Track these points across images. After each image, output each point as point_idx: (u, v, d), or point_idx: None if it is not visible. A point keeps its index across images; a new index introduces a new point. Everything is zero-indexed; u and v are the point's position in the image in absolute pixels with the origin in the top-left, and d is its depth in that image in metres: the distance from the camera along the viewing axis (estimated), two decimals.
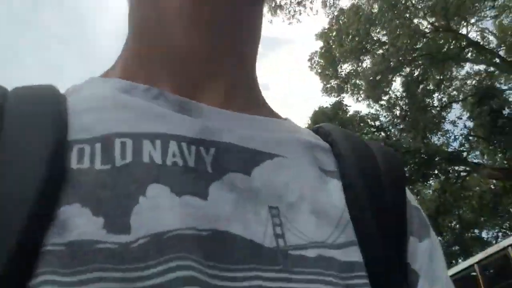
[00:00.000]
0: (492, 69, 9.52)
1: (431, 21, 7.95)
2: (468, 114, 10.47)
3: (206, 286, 0.21)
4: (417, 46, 8.65)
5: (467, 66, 9.67)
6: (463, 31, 8.84)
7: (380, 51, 8.47)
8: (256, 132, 0.30)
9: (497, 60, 9.09)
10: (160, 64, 0.31)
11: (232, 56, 0.32)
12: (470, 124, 10.54)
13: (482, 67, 9.73)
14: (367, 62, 9.30)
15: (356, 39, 8.48)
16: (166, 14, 0.30)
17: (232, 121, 0.30)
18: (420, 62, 8.83)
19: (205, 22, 0.30)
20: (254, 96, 0.35)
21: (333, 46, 8.70)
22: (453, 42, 8.13)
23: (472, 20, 8.96)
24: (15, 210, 0.20)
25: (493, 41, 9.71)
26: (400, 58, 8.23)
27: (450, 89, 10.12)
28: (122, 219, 0.22)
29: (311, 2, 8.12)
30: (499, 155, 9.95)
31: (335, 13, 8.31)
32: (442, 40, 8.07)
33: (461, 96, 10.24)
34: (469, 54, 9.22)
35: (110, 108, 0.27)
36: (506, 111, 10.10)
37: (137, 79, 0.30)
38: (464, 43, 8.52)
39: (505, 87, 10.06)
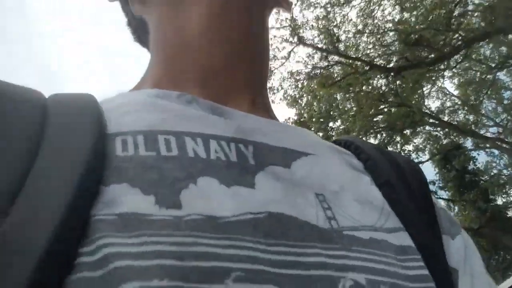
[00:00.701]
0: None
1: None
2: (436, 171, 10.88)
3: (269, 263, 0.21)
4: (377, 119, 9.19)
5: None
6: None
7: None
8: (284, 135, 0.31)
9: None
10: (187, 78, 0.32)
11: (252, 69, 0.34)
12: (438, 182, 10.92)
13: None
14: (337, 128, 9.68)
15: (324, 107, 8.90)
16: (186, 34, 0.33)
17: (261, 124, 0.31)
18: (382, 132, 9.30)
19: (224, 39, 0.32)
20: (269, 105, 0.37)
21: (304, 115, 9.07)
22: (411, 115, 8.68)
23: (428, 91, 9.67)
24: (62, 186, 0.20)
25: (454, 99, 10.42)
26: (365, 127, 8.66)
27: (413, 153, 10.56)
28: (173, 198, 0.22)
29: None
30: (461, 216, 10.20)
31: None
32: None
33: (426, 156, 10.70)
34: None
35: (148, 110, 0.28)
36: (470, 167, 10.64)
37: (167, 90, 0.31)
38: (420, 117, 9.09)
39: (470, 146, 10.64)
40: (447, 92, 10.16)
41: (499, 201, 11.16)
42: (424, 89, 9.30)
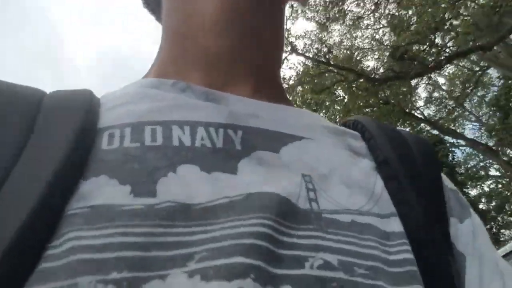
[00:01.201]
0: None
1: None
2: None
3: (238, 237, 0.22)
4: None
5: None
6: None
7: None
8: (282, 118, 0.31)
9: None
10: (191, 62, 0.32)
11: (260, 56, 0.34)
12: None
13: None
14: None
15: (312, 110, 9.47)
16: (196, 18, 0.33)
17: (258, 108, 0.31)
18: None
19: (234, 25, 0.32)
20: (280, 92, 0.36)
21: None
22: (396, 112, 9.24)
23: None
24: (39, 178, 0.21)
25: (443, 94, 10.94)
26: None
27: None
28: (149, 186, 0.23)
29: None
30: None
31: None
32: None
33: None
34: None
35: (139, 101, 0.29)
36: (449, 158, 11.38)
37: (167, 76, 0.32)
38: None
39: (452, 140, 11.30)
40: (436, 83, 10.67)
41: (473, 192, 12.01)
42: (413, 82, 9.79)
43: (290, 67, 8.62)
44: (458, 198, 0.33)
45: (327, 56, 8.19)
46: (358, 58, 8.61)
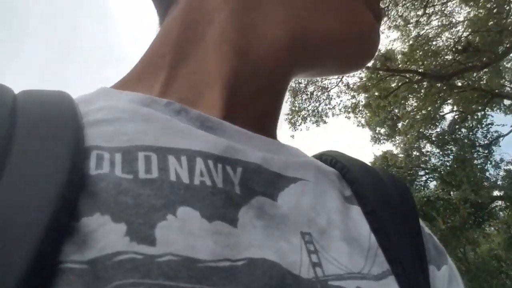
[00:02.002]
0: None
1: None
2: None
3: None
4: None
5: None
6: None
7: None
8: (276, 155, 0.30)
9: None
10: (189, 82, 0.31)
11: (263, 87, 0.32)
12: None
13: None
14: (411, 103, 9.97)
15: (384, 113, 9.46)
16: (209, 42, 0.31)
17: (254, 142, 0.30)
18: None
19: (244, 56, 0.31)
20: (273, 130, 0.35)
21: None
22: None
23: None
24: (29, 222, 0.17)
25: None
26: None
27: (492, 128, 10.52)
28: (146, 229, 0.20)
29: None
30: None
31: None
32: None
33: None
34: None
35: (129, 121, 0.26)
36: None
37: (156, 93, 0.30)
38: None
39: None
40: None
41: None
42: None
43: (354, 75, 8.84)
44: (434, 242, 0.34)
45: (387, 65, 8.25)
46: (420, 54, 8.45)
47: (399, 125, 10.03)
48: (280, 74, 0.33)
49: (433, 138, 10.75)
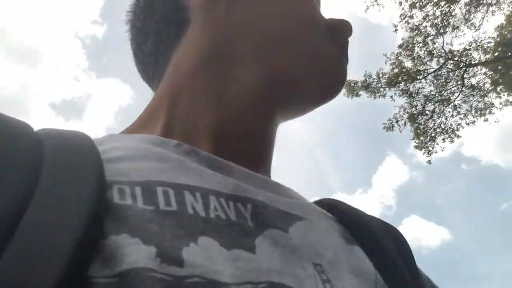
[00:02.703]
0: None
1: None
2: None
3: None
4: None
5: None
6: None
7: None
8: (280, 196, 0.31)
9: None
10: (196, 125, 0.33)
11: (250, 133, 0.35)
12: None
13: None
14: None
15: None
16: (225, 94, 0.35)
17: (260, 183, 0.31)
18: None
19: (255, 118, 0.35)
20: (270, 166, 0.38)
21: None
22: None
23: None
24: (59, 242, 0.18)
25: None
26: None
27: None
28: (174, 252, 0.21)
29: None
30: None
31: None
32: None
33: None
34: None
35: (144, 159, 0.27)
36: None
37: (166, 135, 0.32)
38: None
39: None
40: None
41: None
42: None
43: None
44: (432, 285, 0.35)
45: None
46: None
47: None
48: (263, 119, 0.36)
49: None
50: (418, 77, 8.08)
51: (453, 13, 7.69)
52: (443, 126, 8.17)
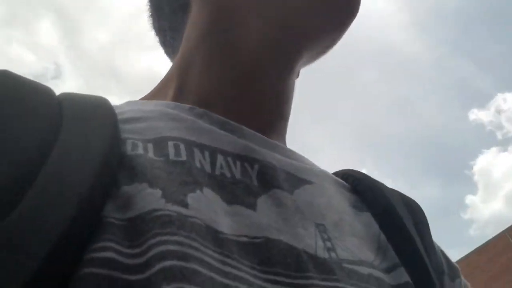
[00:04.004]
0: None
1: None
2: None
3: None
4: None
5: None
6: None
7: None
8: (291, 160, 0.32)
9: None
10: (211, 89, 0.34)
11: (284, 99, 0.36)
12: None
13: None
14: None
15: None
16: (236, 50, 0.34)
17: (270, 145, 0.32)
18: None
19: (268, 71, 0.34)
20: (284, 133, 0.38)
21: None
22: None
23: None
24: (75, 184, 0.20)
25: None
26: None
27: None
28: (179, 196, 0.22)
29: None
30: None
31: None
32: None
33: None
34: None
35: (158, 119, 0.29)
36: None
37: (180, 100, 0.33)
38: None
39: None
40: None
41: None
42: None
43: None
44: (447, 258, 0.35)
45: None
46: None
47: None
48: (275, 76, 0.35)
49: None
50: None
51: None
52: None
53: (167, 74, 0.39)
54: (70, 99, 0.26)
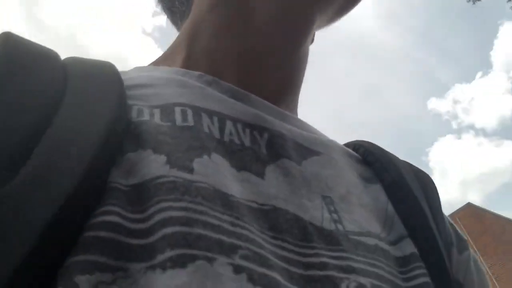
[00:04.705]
0: None
1: None
2: None
3: (271, 254, 0.21)
4: None
5: None
6: None
7: None
8: (301, 130, 0.31)
9: None
10: (222, 57, 0.33)
11: (291, 69, 0.35)
12: None
13: None
14: None
15: None
16: (248, 16, 0.33)
17: (281, 116, 0.31)
18: None
19: (281, 37, 0.33)
20: (295, 107, 0.37)
21: None
22: None
23: None
24: (84, 145, 0.20)
25: None
26: None
27: None
28: (185, 161, 0.22)
29: None
30: None
31: None
32: None
33: None
34: None
35: (165, 86, 0.28)
36: None
37: (190, 67, 0.32)
38: None
39: None
40: None
41: None
42: None
43: None
44: (455, 230, 0.35)
45: None
46: None
47: None
48: (290, 41, 0.34)
49: None
50: None
51: None
52: None
53: (175, 41, 0.38)
54: (75, 63, 0.26)
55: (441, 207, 0.34)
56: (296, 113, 0.37)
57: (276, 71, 0.34)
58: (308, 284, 0.21)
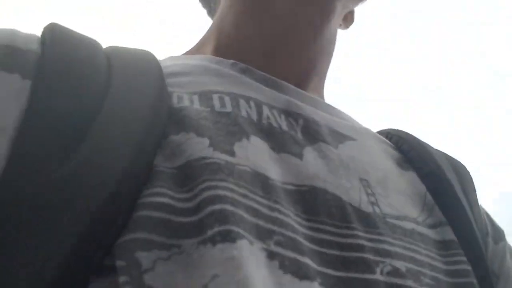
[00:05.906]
0: None
1: None
2: None
3: (304, 237, 0.21)
4: None
5: None
6: None
7: None
8: (332, 117, 0.31)
9: None
10: (254, 45, 0.33)
11: (319, 56, 0.35)
12: None
13: None
14: None
15: None
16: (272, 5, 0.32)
17: (314, 103, 0.31)
18: None
19: (307, 23, 0.32)
20: (322, 92, 0.37)
21: None
22: None
23: None
24: (131, 134, 0.20)
25: None
26: None
27: None
28: (226, 145, 0.23)
29: None
30: None
31: None
32: None
33: None
34: None
35: (202, 74, 0.29)
36: None
37: (224, 56, 0.32)
38: None
39: None
40: None
41: None
42: None
43: None
44: (491, 220, 0.34)
45: None
46: None
47: None
48: (316, 26, 0.34)
49: None
50: None
51: None
52: None
53: (205, 34, 0.38)
54: (117, 52, 0.26)
55: (477, 197, 0.34)
56: (323, 97, 0.37)
57: (300, 55, 0.34)
58: (342, 265, 0.21)
